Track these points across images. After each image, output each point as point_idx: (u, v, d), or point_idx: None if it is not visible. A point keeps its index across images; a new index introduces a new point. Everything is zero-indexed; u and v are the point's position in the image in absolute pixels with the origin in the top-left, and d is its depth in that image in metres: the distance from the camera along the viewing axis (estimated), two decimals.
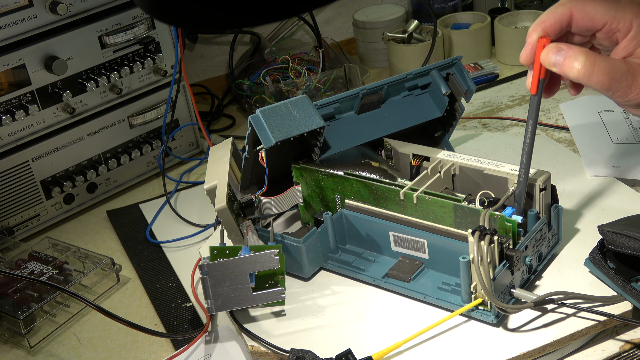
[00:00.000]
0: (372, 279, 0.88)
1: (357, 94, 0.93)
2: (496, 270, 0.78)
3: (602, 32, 0.75)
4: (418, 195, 0.86)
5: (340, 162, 0.92)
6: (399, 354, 0.79)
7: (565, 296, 0.81)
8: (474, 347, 0.79)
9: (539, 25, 0.76)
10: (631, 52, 0.74)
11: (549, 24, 0.75)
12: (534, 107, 0.79)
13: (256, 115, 0.86)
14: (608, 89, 0.73)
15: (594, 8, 0.74)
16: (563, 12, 0.75)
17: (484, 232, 0.77)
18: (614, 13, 0.73)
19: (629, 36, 0.73)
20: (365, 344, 0.80)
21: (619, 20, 0.73)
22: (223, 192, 0.87)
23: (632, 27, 0.73)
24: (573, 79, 0.74)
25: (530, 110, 0.79)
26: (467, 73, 0.97)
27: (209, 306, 0.83)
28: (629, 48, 0.74)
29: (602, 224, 0.84)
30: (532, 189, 0.85)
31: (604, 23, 0.74)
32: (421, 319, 0.83)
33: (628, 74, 0.73)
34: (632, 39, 0.73)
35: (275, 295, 0.83)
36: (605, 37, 0.75)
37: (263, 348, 0.82)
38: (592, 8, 0.74)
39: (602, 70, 0.72)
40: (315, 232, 0.89)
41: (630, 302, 0.80)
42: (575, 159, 1.07)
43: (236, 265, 0.81)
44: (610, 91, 0.73)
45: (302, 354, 0.78)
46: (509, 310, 0.79)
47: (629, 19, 0.73)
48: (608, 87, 0.73)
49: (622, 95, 0.73)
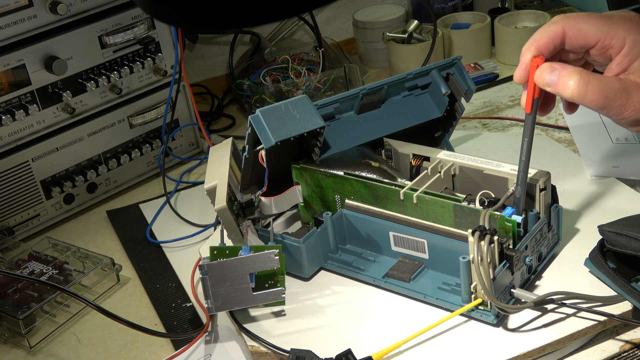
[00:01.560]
0: (372, 279, 0.88)
1: (357, 94, 0.93)
2: (496, 270, 0.78)
3: (595, 49, 0.74)
4: (418, 195, 0.86)
5: (340, 162, 0.92)
6: (399, 354, 0.79)
7: (565, 296, 0.81)
8: (474, 347, 0.79)
9: (532, 44, 0.75)
10: (625, 68, 0.73)
11: (542, 42, 0.75)
12: (528, 125, 0.78)
13: (256, 115, 0.86)
14: (602, 108, 0.73)
15: (587, 25, 0.74)
16: (556, 30, 0.74)
17: (484, 232, 0.77)
18: (606, 30, 0.73)
19: (622, 52, 0.73)
20: (365, 343, 0.80)
21: (612, 36, 0.73)
22: (223, 192, 0.87)
23: (625, 43, 0.73)
24: (567, 98, 0.74)
25: (525, 129, 0.79)
26: (467, 73, 0.97)
27: (209, 306, 0.83)
28: (623, 64, 0.73)
29: (602, 224, 0.84)
30: (532, 189, 0.85)
31: (597, 40, 0.74)
32: (421, 319, 0.83)
33: (622, 92, 0.72)
34: (625, 55, 0.73)
35: (275, 295, 0.83)
36: (599, 53, 0.75)
37: (263, 348, 0.82)
38: (585, 25, 0.74)
39: (596, 90, 0.72)
40: (315, 232, 0.89)
41: (630, 302, 0.80)
42: (575, 159, 1.07)
43: (236, 265, 0.81)
44: (605, 110, 0.73)
45: (302, 354, 0.78)
46: (509, 310, 0.79)
47: (621, 35, 0.73)
48: (602, 106, 0.72)
49: (616, 113, 0.73)
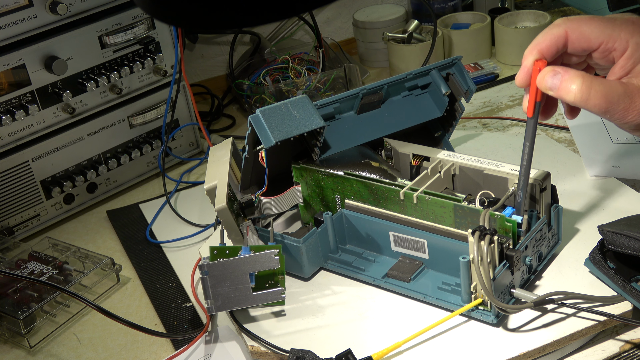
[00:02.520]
0: (372, 279, 0.88)
1: (357, 94, 0.93)
2: (496, 270, 0.78)
3: (598, 52, 0.74)
4: (418, 195, 0.86)
5: (340, 162, 0.92)
6: (399, 354, 0.79)
7: (565, 296, 0.81)
8: (474, 347, 0.79)
9: (534, 47, 0.75)
10: (629, 71, 0.73)
11: (544, 45, 0.74)
12: (530, 129, 0.78)
13: (256, 115, 0.86)
14: (605, 112, 0.72)
15: (589, 28, 0.73)
16: (558, 34, 0.74)
17: (484, 232, 0.77)
18: (609, 32, 0.72)
19: (625, 55, 0.72)
20: (365, 343, 0.80)
21: (615, 39, 0.72)
22: (223, 192, 0.87)
23: (629, 45, 0.72)
24: (570, 102, 0.73)
25: (527, 133, 0.79)
26: (467, 73, 0.97)
27: (209, 306, 0.83)
28: (627, 67, 0.73)
29: (602, 224, 0.84)
30: (533, 190, 0.85)
31: (599, 43, 0.73)
32: (421, 319, 0.83)
33: (625, 96, 0.71)
34: (628, 57, 0.72)
35: (275, 295, 0.83)
36: (602, 56, 0.74)
37: (263, 348, 0.82)
38: (588, 28, 0.73)
39: (599, 94, 0.71)
40: (315, 232, 0.89)
41: (631, 302, 0.80)
42: (575, 159, 1.07)
43: (236, 265, 0.81)
44: (608, 114, 0.72)
45: (302, 354, 0.78)
46: (509, 310, 0.79)
47: (624, 38, 0.72)
48: (605, 110, 0.72)
49: (620, 117, 0.72)
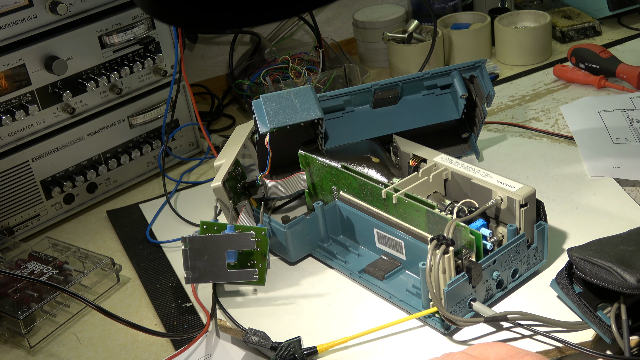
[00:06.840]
0: (349, 272, 0.89)
1: (369, 89, 0.94)
2: (451, 281, 0.77)
3: None
4: (397, 196, 0.86)
5: (344, 154, 0.93)
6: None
7: (521, 317, 0.78)
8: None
9: None
10: None
11: None
12: None
13: (258, 101, 0.90)
14: None
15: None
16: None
17: (440, 242, 0.77)
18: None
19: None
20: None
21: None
22: (223, 172, 0.91)
23: None
24: None
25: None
26: (488, 77, 0.96)
27: (186, 277, 0.86)
28: None
29: (571, 247, 0.80)
30: (512, 204, 0.83)
31: None
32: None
33: None
34: None
35: (248, 275, 0.86)
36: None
37: (228, 323, 0.86)
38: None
39: None
40: (302, 220, 0.90)
41: (594, 330, 0.77)
42: (575, 159, 1.07)
43: (215, 241, 0.85)
44: None
45: (257, 335, 0.82)
46: (457, 323, 0.78)
47: None
48: None
49: None
